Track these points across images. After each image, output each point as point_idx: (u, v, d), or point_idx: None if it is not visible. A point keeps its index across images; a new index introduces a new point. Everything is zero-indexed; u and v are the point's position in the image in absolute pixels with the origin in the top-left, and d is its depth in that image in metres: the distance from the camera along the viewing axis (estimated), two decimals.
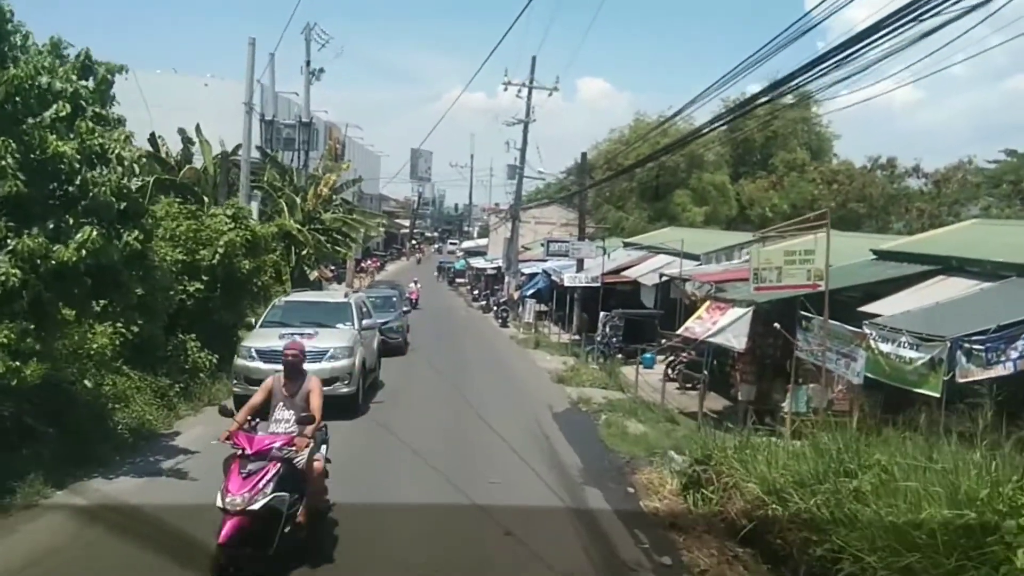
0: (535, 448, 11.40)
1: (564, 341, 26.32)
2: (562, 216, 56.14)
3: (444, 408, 14.52)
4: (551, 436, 12.46)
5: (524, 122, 36.49)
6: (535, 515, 8.53)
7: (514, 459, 10.59)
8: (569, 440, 12.20)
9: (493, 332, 29.96)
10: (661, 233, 33.79)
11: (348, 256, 29.48)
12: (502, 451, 11.03)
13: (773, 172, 46.49)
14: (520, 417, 13.80)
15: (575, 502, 9.06)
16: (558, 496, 9.16)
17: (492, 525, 7.88)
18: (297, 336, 11.86)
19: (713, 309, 15.48)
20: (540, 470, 10.10)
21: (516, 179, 37.51)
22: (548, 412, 14.63)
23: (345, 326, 14.49)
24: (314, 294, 18.01)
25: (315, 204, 27.33)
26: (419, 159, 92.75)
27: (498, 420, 12.95)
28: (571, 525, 8.24)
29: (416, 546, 7.36)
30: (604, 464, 10.94)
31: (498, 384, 17.87)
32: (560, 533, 7.95)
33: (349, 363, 13.31)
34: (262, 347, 12.98)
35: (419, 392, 16.55)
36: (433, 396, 15.97)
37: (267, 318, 14.57)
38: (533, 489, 9.36)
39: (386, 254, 67.44)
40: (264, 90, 37.91)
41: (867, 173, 37.12)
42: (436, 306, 38.48)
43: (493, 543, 7.52)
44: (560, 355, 23.36)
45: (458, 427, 12.93)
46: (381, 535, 7.57)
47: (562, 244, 28.72)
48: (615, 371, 19.36)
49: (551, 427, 13.19)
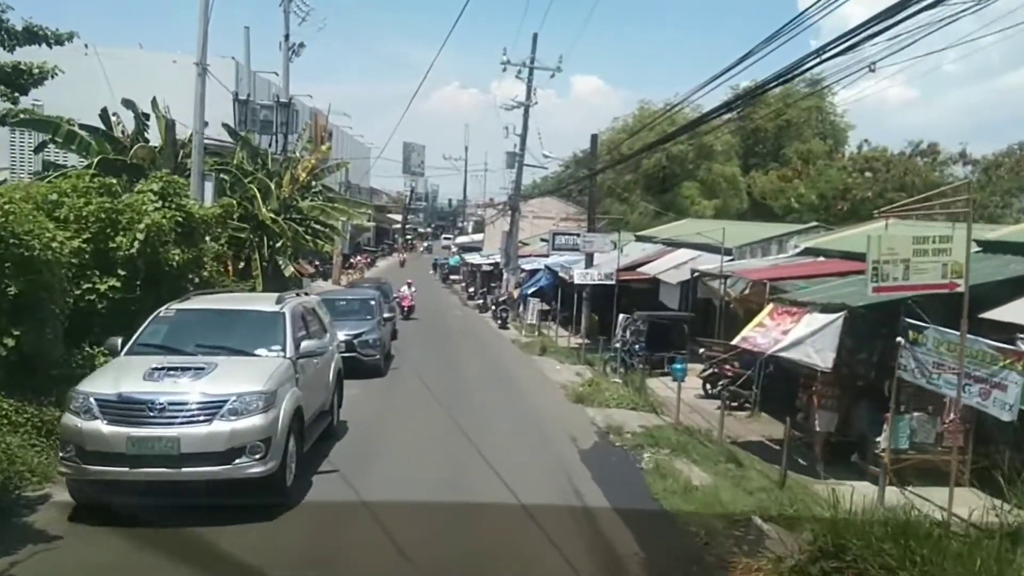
0: (568, 521, 7.84)
1: (572, 345, 22.81)
2: (561, 210, 52.70)
3: (437, 457, 10.32)
4: (584, 492, 8.90)
5: (524, 105, 32.90)
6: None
7: (540, 543, 7.04)
8: (610, 499, 8.64)
9: (492, 335, 26.38)
10: (678, 225, 30.34)
11: (332, 250, 25.84)
12: (523, 531, 7.46)
13: (787, 163, 43.32)
14: (539, 461, 10.24)
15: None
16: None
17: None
18: (176, 373, 7.86)
19: (780, 315, 11.96)
20: (583, 567, 6.54)
21: (516, 167, 33.89)
22: (573, 449, 11.09)
23: (270, 353, 8.91)
24: (229, 299, 11.18)
25: (291, 190, 23.69)
26: (411, 152, 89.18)
27: (512, 469, 9.35)
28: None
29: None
30: (671, 545, 7.41)
31: (506, 408, 14.23)
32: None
33: (264, 422, 7.74)
34: (106, 395, 7.54)
35: (400, 435, 11.68)
36: (421, 438, 11.43)
37: (141, 338, 8.95)
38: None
39: (377, 250, 63.73)
40: (239, 68, 34.43)
41: (907, 159, 33.66)
42: (429, 306, 34.88)
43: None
44: (571, 363, 19.83)
45: (458, 489, 8.95)
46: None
47: (569, 237, 25.18)
48: (641, 385, 15.83)
49: (581, 477, 9.61)
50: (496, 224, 47.37)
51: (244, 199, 22.79)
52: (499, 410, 13.81)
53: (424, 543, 7.04)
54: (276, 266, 23.52)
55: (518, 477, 8.92)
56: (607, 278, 21.88)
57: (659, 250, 24.87)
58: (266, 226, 22.83)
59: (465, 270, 46.67)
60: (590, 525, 7.80)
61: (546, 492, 8.69)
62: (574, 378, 17.21)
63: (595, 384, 15.78)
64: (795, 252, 17.70)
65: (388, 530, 7.19)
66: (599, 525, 7.80)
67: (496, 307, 30.53)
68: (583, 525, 7.78)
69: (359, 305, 19.57)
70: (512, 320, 29.44)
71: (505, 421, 12.86)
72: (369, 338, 17.15)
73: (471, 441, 10.71)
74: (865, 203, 27.68)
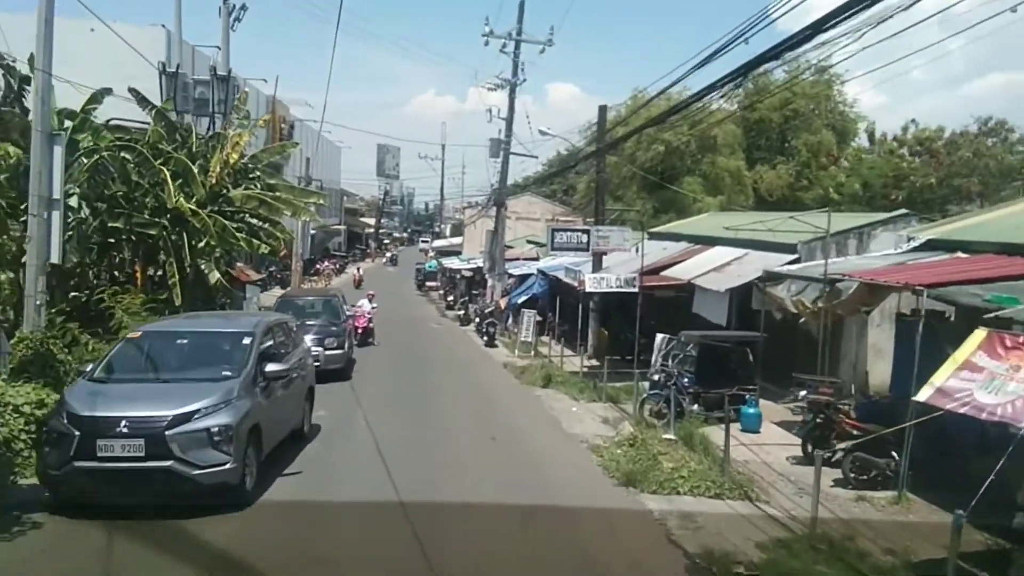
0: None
1: (580, 369, 17.31)
2: (547, 210, 47.33)
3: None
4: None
5: (511, 83, 27.36)
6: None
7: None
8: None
9: (478, 357, 20.64)
10: (700, 220, 24.99)
11: (280, 252, 19.99)
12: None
13: (795, 156, 38.40)
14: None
15: None
16: None
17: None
18: None
19: (1008, 350, 6.51)
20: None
21: (501, 156, 28.30)
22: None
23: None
24: None
25: (220, 176, 17.88)
26: (386, 155, 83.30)
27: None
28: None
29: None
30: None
31: (515, 521, 7.95)
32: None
33: None
34: None
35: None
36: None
37: None
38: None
39: (347, 255, 57.68)
40: (171, 38, 28.52)
41: (975, 139, 28.36)
42: (400, 316, 29.15)
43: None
44: (588, 399, 14.24)
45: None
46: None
47: (572, 235, 19.62)
48: (704, 443, 10.28)
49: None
50: (477, 225, 41.78)
51: (154, 185, 17.03)
52: (500, 522, 7.97)
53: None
54: (198, 272, 17.76)
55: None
56: (627, 284, 16.38)
57: (685, 249, 19.43)
58: (186, 221, 17.10)
59: (443, 277, 40.92)
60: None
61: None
62: (603, 429, 11.66)
63: (640, 444, 10.17)
64: (912, 246, 12.30)
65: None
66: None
67: (481, 319, 24.89)
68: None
69: None
70: (500, 335, 23.87)
71: (513, 550, 7.14)
72: None
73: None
74: (925, 191, 22.69)
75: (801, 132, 39.16)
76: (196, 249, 17.51)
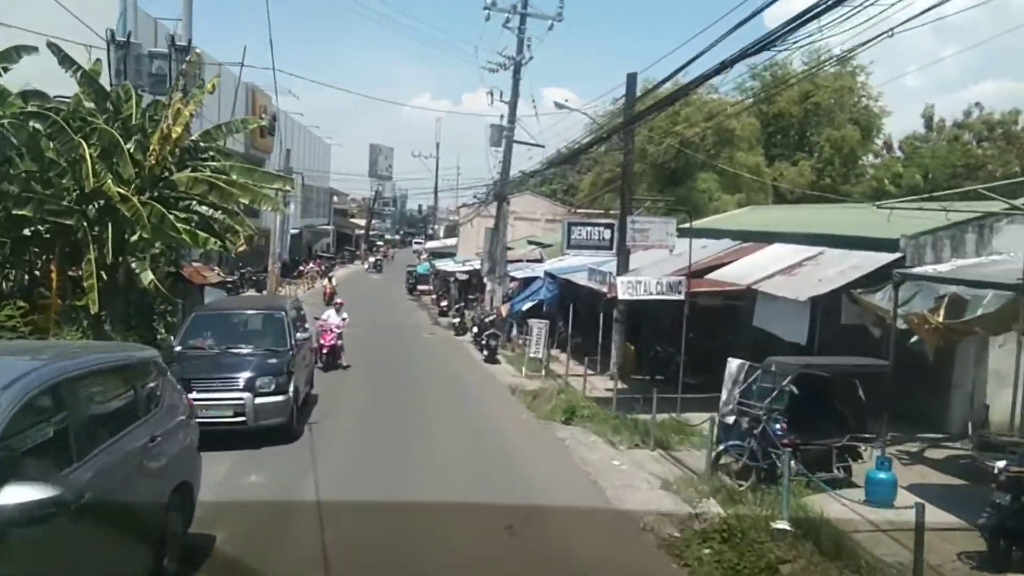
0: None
1: (603, 392, 13.67)
2: (548, 210, 43.65)
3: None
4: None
5: (515, 61, 23.63)
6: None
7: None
8: None
9: (480, 378, 16.76)
10: (737, 215, 21.40)
11: (240, 249, 16.14)
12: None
13: (819, 152, 35.13)
14: None
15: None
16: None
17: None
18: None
19: None
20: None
21: (503, 145, 24.54)
22: None
23: None
24: None
25: (160, 155, 14.04)
26: (379, 155, 79.46)
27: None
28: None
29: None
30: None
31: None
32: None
33: None
34: None
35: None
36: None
37: None
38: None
39: (334, 257, 53.73)
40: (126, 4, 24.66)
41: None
42: (387, 324, 25.40)
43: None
44: (628, 442, 10.50)
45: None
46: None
47: (594, 230, 15.89)
48: (837, 539, 6.58)
49: None
50: (474, 224, 38.03)
51: (73, 163, 13.23)
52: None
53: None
54: (129, 272, 14.01)
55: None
56: (670, 290, 12.68)
57: (731, 248, 15.78)
58: (115, 209, 13.33)
59: (435, 280, 37.08)
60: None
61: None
62: (668, 501, 7.92)
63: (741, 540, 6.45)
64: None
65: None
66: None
67: (480, 329, 21.14)
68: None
69: None
70: (502, 347, 20.13)
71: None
72: None
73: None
74: (1007, 180, 19.14)
75: (823, 127, 35.90)
76: (130, 244, 13.81)
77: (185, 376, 9.23)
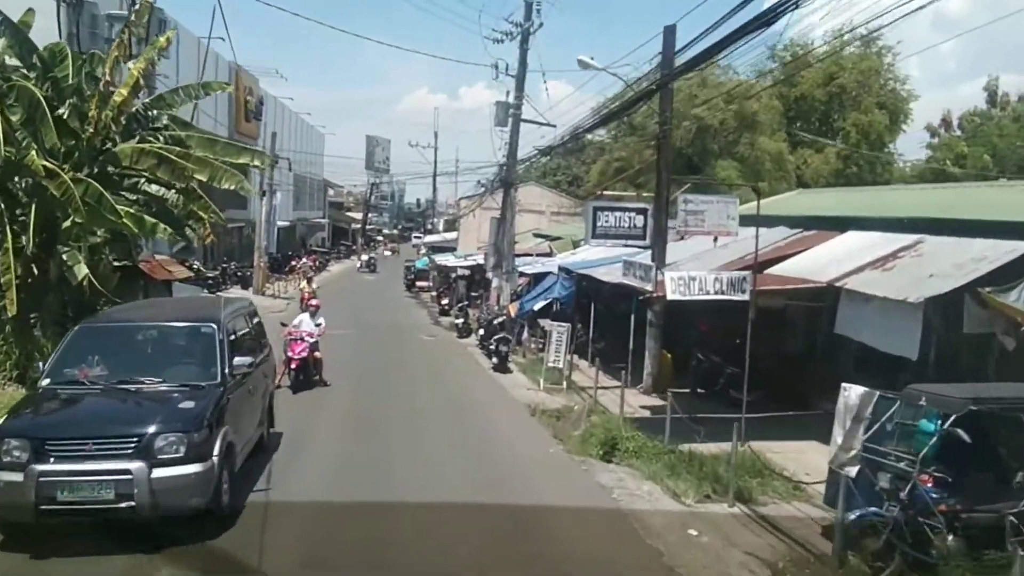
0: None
1: (639, 411, 10.97)
2: (553, 201, 40.84)
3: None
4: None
5: (523, 28, 20.82)
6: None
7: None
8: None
9: (490, 394, 13.73)
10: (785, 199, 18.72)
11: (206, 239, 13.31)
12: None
13: (845, 138, 32.60)
14: None
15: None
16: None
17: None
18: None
19: None
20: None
21: (510, 124, 21.73)
22: None
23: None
24: None
25: (98, 122, 11.24)
26: (376, 147, 76.52)
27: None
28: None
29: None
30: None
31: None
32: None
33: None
34: None
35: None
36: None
37: None
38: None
39: (329, 252, 50.88)
40: None
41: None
42: (382, 324, 22.67)
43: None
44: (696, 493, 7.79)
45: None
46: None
47: (622, 216, 13.17)
48: None
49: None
50: (475, 216, 35.18)
51: None
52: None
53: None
54: (61, 265, 11.28)
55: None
56: (733, 288, 9.95)
57: (792, 237, 13.02)
58: (41, 187, 10.67)
59: (435, 275, 34.27)
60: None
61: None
62: None
63: None
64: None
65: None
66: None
67: (487, 331, 18.38)
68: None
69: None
70: (512, 352, 17.36)
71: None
72: None
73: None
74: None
75: (848, 111, 33.31)
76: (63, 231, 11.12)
77: (38, 435, 6.13)
